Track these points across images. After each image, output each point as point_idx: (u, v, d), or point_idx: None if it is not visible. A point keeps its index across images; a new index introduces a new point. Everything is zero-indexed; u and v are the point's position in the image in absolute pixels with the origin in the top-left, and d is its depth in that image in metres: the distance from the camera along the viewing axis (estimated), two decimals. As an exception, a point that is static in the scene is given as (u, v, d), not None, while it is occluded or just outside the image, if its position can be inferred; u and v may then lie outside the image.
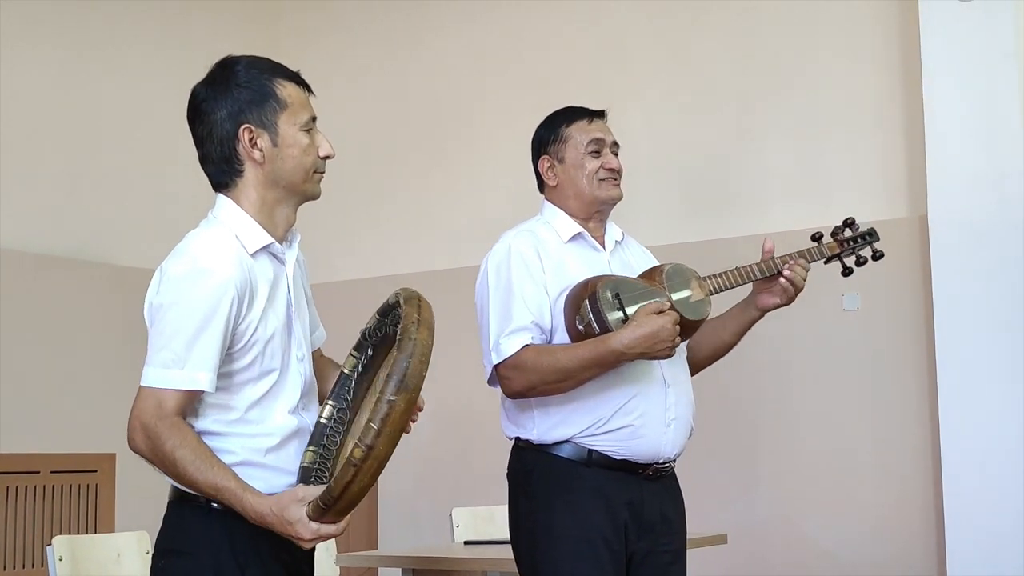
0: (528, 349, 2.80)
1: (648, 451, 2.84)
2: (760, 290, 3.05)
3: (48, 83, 5.66)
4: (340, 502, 2.06)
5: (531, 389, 2.82)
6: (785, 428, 5.17)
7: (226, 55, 2.40)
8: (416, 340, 2.06)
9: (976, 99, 4.70)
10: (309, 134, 2.35)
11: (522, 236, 2.95)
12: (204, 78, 2.38)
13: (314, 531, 2.11)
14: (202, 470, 2.15)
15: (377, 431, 2.00)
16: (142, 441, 2.18)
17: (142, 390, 2.20)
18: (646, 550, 2.86)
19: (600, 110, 3.08)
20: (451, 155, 6.22)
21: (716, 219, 5.41)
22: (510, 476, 2.96)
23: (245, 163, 2.32)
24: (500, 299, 2.87)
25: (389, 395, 2.01)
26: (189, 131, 2.40)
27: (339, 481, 2.03)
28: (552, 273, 2.89)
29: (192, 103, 2.37)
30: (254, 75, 2.33)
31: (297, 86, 2.36)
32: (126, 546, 3.57)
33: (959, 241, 4.69)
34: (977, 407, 4.59)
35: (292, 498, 2.13)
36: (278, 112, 2.31)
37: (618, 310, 2.77)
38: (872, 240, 3.20)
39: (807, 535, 5.07)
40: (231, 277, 2.22)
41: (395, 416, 2.01)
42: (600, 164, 2.99)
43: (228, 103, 2.31)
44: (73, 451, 5.30)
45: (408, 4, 6.41)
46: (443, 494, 5.66)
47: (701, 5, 5.57)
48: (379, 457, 2.01)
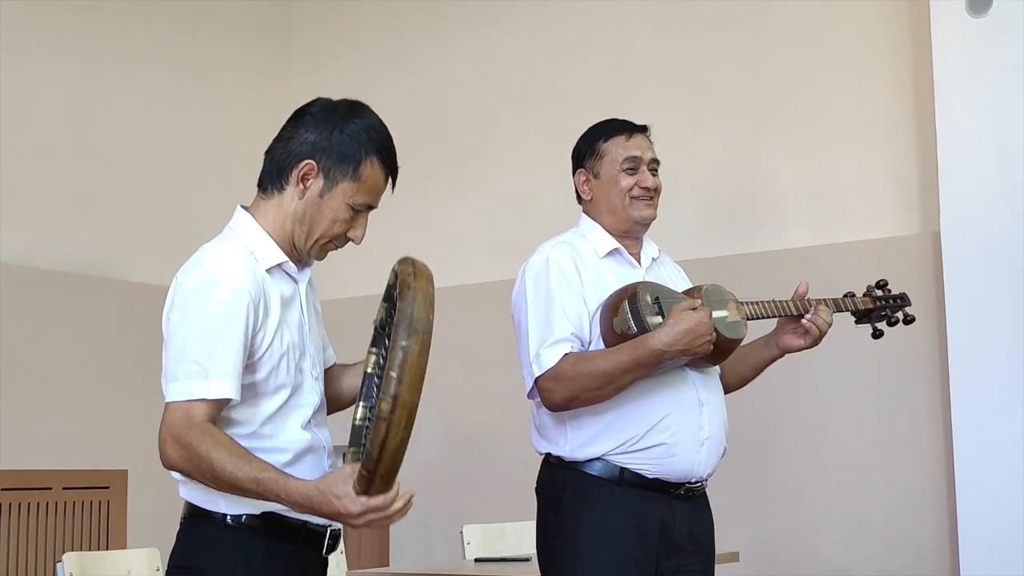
0: (567, 358, 2.77)
1: (681, 470, 2.82)
2: (784, 330, 3.03)
3: (59, 100, 5.67)
4: (381, 463, 2.00)
5: (573, 399, 2.77)
6: (797, 445, 5.15)
7: (365, 103, 2.41)
8: (415, 287, 2.05)
9: (988, 114, 4.69)
10: (355, 213, 2.36)
11: (560, 248, 2.92)
12: (333, 101, 2.39)
13: (363, 504, 2.06)
14: (240, 466, 2.13)
15: (398, 378, 1.97)
16: (175, 453, 2.16)
17: (168, 406, 2.19)
18: (675, 568, 2.84)
19: (643, 125, 3.04)
20: (462, 172, 6.23)
21: (729, 236, 5.40)
22: (539, 491, 2.94)
23: (289, 186, 2.34)
24: (539, 310, 2.84)
25: (402, 341, 1.98)
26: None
27: (374, 442, 1.99)
28: (590, 286, 2.86)
29: (305, 107, 2.39)
30: (360, 138, 2.34)
31: (384, 175, 2.37)
32: (136, 563, 3.58)
33: (972, 257, 4.67)
34: (991, 423, 4.56)
35: (339, 475, 2.10)
36: (347, 178, 2.33)
37: (657, 314, 2.75)
38: (904, 304, 3.19)
39: (819, 552, 5.04)
40: (244, 286, 2.23)
41: (412, 360, 1.98)
42: (635, 182, 2.96)
43: (323, 136, 2.33)
44: (85, 467, 5.31)
45: (420, 21, 6.43)
46: (454, 511, 5.64)
47: (714, 23, 5.57)
48: (406, 405, 1.97)
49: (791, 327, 3.01)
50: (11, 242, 5.37)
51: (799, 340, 3.00)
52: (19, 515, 4.96)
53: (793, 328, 3.00)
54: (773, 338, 3.05)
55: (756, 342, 3.09)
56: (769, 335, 3.07)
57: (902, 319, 3.18)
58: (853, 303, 3.14)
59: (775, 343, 3.04)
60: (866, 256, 5.01)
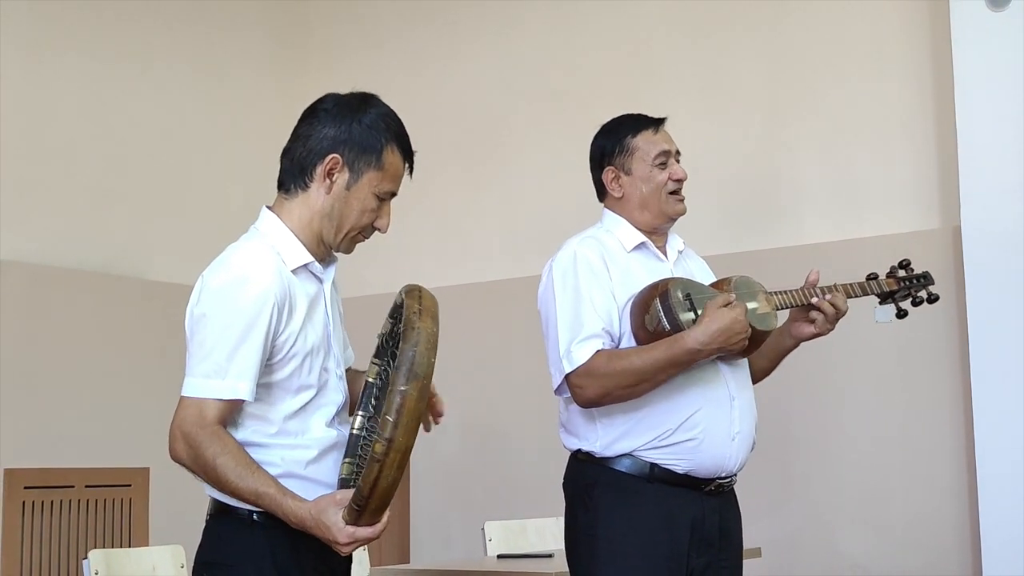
0: (599, 354, 2.75)
1: (711, 465, 2.81)
2: (796, 319, 3.01)
3: (78, 98, 5.70)
4: (371, 500, 2.06)
5: (605, 396, 2.76)
6: (818, 441, 5.14)
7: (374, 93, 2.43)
8: (419, 328, 2.07)
9: (1009, 108, 4.67)
10: (380, 202, 2.38)
11: (587, 243, 2.91)
12: (343, 95, 2.41)
13: (350, 535, 2.12)
14: (243, 476, 2.16)
15: (394, 423, 2.01)
16: (183, 450, 2.20)
17: (183, 400, 2.22)
18: (705, 564, 2.83)
19: (662, 118, 3.04)
20: (480, 169, 6.23)
21: (749, 231, 5.39)
22: (567, 488, 2.93)
23: (314, 183, 2.35)
24: (569, 306, 2.82)
25: (400, 385, 2.02)
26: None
27: (366, 480, 2.04)
28: (619, 280, 2.85)
29: (316, 104, 2.41)
30: (379, 127, 2.37)
31: (404, 161, 2.40)
32: (160, 560, 3.59)
33: (992, 251, 4.65)
34: (1013, 419, 4.54)
35: (330, 502, 2.15)
36: (371, 168, 2.35)
37: (689, 311, 2.74)
38: (927, 283, 3.18)
39: (841, 549, 5.03)
40: (270, 287, 2.24)
41: (409, 405, 2.02)
42: (668, 175, 2.95)
43: (342, 129, 2.35)
44: (107, 465, 5.33)
45: (437, 20, 6.43)
46: (475, 507, 5.65)
47: (731, 19, 5.56)
48: (400, 449, 2.02)
49: (801, 315, 2.99)
50: (32, 242, 5.40)
51: (808, 327, 2.98)
52: (42, 513, 4.99)
53: (803, 316, 2.99)
54: (787, 328, 3.03)
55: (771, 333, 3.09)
56: (783, 325, 3.05)
57: (926, 298, 3.16)
58: (879, 285, 3.11)
59: (788, 333, 3.02)
60: (886, 251, 4.96)
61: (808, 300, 2.95)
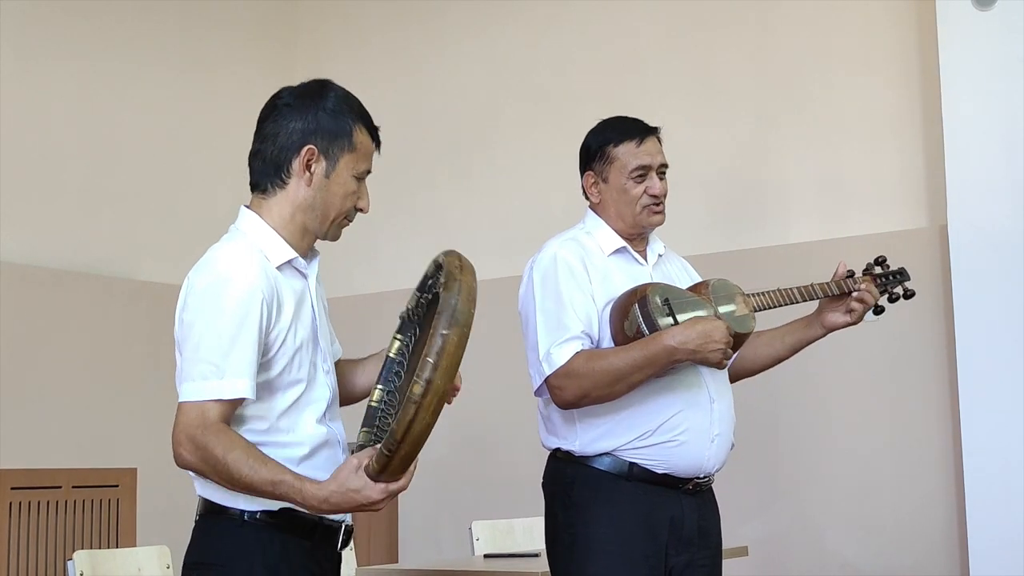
0: (579, 355, 2.78)
1: (691, 466, 2.83)
2: (828, 308, 3.06)
3: (66, 98, 5.69)
4: (403, 445, 2.03)
5: (584, 397, 2.78)
6: (805, 440, 5.15)
7: (325, 78, 2.45)
8: (461, 280, 2.11)
9: (995, 108, 4.68)
10: (358, 183, 2.40)
11: (567, 245, 2.92)
12: (297, 86, 2.42)
13: (383, 490, 2.10)
14: (256, 468, 2.14)
15: (434, 364, 2.01)
16: (190, 453, 2.18)
17: (182, 405, 2.20)
18: (684, 563, 2.85)
19: (654, 127, 3.03)
20: (469, 168, 6.23)
21: (736, 231, 5.40)
22: (547, 487, 2.94)
23: (292, 178, 2.35)
24: (549, 308, 2.84)
25: (442, 329, 2.03)
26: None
27: (401, 422, 2.02)
28: (598, 283, 2.87)
29: (273, 101, 2.42)
30: (343, 109, 2.38)
31: (371, 138, 2.41)
32: (147, 561, 3.58)
33: (979, 250, 4.66)
34: (999, 417, 4.56)
35: (349, 471, 2.12)
36: (345, 151, 2.36)
37: (668, 315, 2.76)
38: (903, 279, 3.20)
39: (828, 547, 5.04)
40: (257, 285, 2.24)
41: (450, 349, 2.02)
42: (643, 190, 2.95)
43: (308, 119, 2.35)
44: (94, 466, 5.32)
45: (426, 17, 6.43)
46: (463, 507, 5.65)
47: (719, 19, 5.56)
48: (438, 392, 2.01)
49: (835, 305, 3.05)
50: (20, 242, 5.38)
51: (845, 317, 3.05)
52: (29, 514, 4.97)
53: (837, 306, 3.05)
54: (816, 318, 3.08)
55: (797, 322, 3.12)
56: (812, 315, 3.10)
57: (902, 294, 3.19)
58: (854, 282, 3.13)
59: (819, 323, 3.08)
60: (873, 250, 4.92)
61: (789, 300, 2.99)
